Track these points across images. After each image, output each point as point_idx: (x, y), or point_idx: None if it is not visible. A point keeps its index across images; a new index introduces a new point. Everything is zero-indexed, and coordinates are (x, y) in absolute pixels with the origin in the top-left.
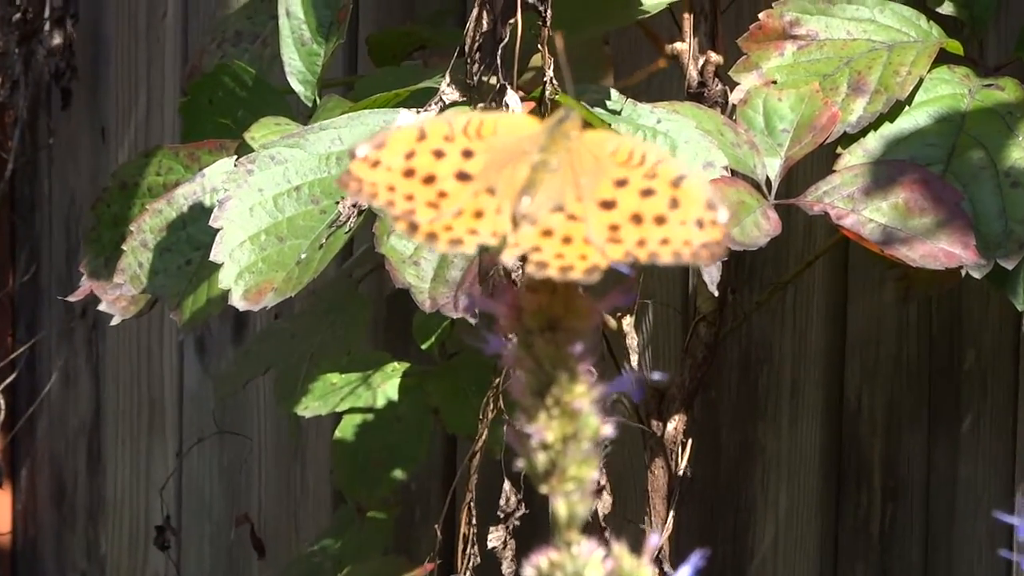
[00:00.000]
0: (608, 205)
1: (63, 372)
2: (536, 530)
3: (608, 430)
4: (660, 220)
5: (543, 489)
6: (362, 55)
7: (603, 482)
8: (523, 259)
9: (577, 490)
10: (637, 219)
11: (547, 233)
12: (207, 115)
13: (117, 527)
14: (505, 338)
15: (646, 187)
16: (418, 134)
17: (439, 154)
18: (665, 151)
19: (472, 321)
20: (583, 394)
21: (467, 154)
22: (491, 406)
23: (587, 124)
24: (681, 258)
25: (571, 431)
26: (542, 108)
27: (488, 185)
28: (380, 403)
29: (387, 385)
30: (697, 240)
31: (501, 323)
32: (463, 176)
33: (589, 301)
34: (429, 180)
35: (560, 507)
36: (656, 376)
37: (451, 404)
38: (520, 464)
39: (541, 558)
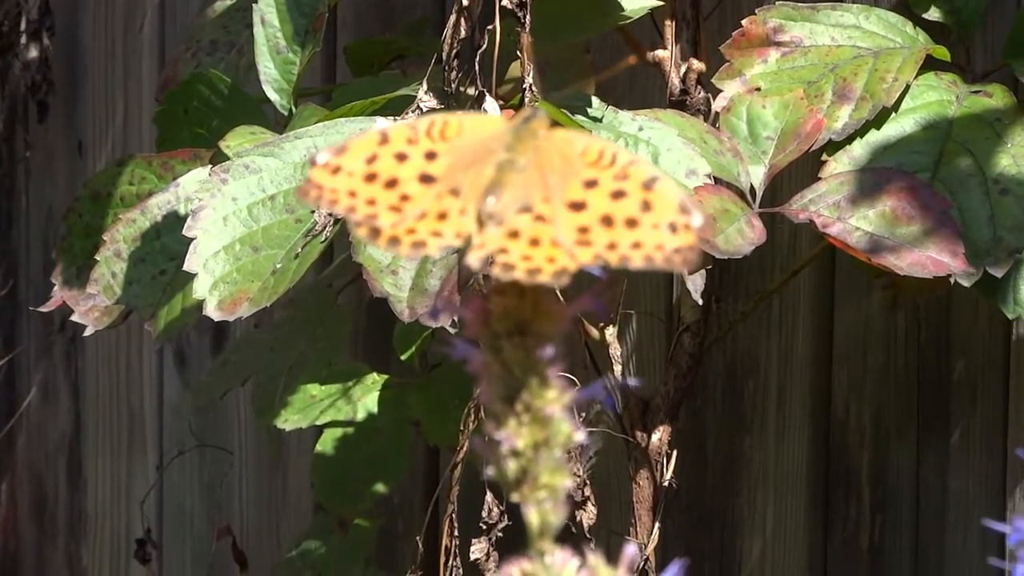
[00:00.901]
0: (577, 206)
1: (42, 386)
2: (519, 542)
3: (581, 436)
4: (631, 223)
5: (514, 497)
6: (341, 65)
7: (587, 492)
8: (489, 261)
9: (550, 498)
10: (607, 221)
11: (514, 234)
12: (182, 124)
13: (98, 541)
14: (474, 343)
15: (617, 189)
16: (380, 138)
17: (402, 157)
18: (636, 152)
19: (452, 331)
20: (554, 400)
21: (430, 156)
22: (472, 417)
23: (556, 124)
24: (653, 263)
25: (542, 438)
26: None
27: (452, 186)
28: (360, 416)
29: (367, 398)
30: (670, 245)
31: (469, 327)
32: (426, 178)
33: (559, 304)
34: (391, 184)
35: (532, 516)
36: (632, 382)
37: (433, 416)
38: (490, 472)
39: (514, 568)
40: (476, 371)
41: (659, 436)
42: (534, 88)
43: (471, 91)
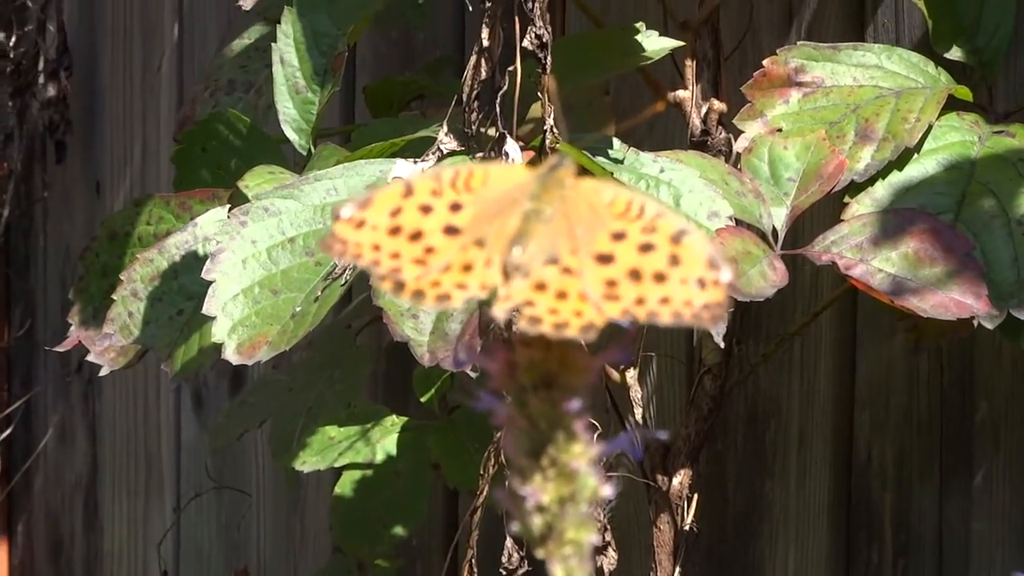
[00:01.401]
0: (605, 259)
1: (59, 427)
2: None
3: (608, 491)
4: (660, 278)
5: (539, 553)
6: (359, 105)
7: (608, 537)
8: (516, 313)
9: (575, 554)
10: (636, 275)
11: (540, 287)
12: (200, 164)
13: None
14: (498, 395)
15: (645, 242)
16: (404, 190)
17: (426, 209)
18: (664, 204)
19: (472, 375)
20: (580, 454)
21: (455, 207)
22: (492, 461)
23: (584, 171)
24: (681, 319)
25: (568, 493)
26: (542, 157)
27: (477, 237)
28: (379, 458)
29: (386, 440)
30: (698, 301)
31: (494, 379)
32: (451, 230)
33: (586, 356)
34: (416, 236)
35: (558, 573)
36: (659, 435)
37: (452, 459)
38: (515, 527)
39: None
40: (500, 423)
41: (680, 480)
42: (555, 130)
43: (491, 132)
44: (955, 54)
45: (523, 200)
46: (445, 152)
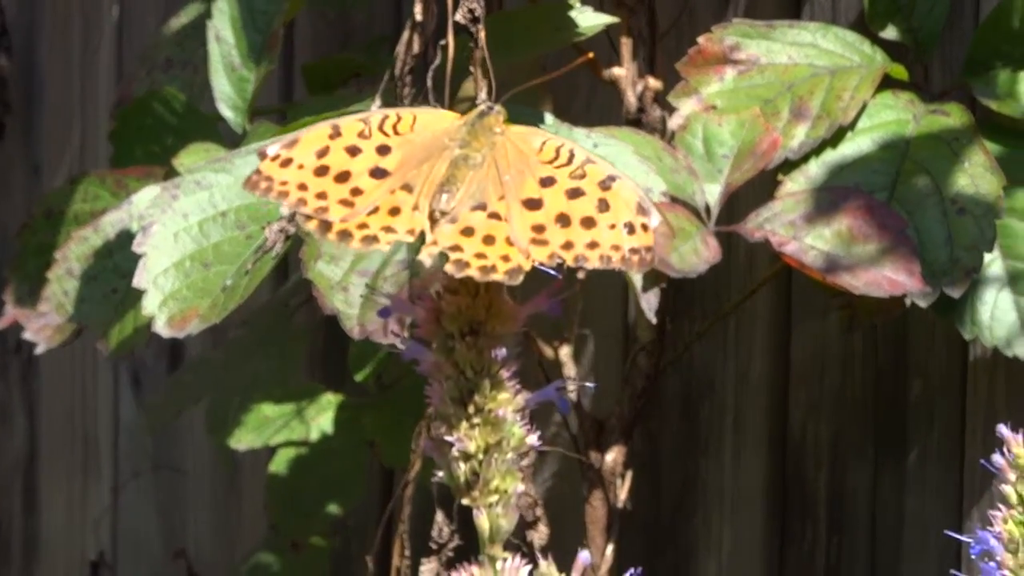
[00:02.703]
0: (533, 204)
1: None
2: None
3: (534, 440)
4: (588, 223)
5: (464, 501)
6: (298, 84)
7: (539, 512)
8: (442, 258)
9: (501, 502)
10: (564, 220)
11: (467, 232)
12: (137, 142)
13: (53, 565)
14: (425, 344)
15: (573, 187)
16: (332, 131)
17: (354, 151)
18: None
19: (402, 347)
20: (507, 401)
21: (383, 150)
22: (424, 435)
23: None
24: (610, 263)
25: (494, 440)
26: None
27: (405, 181)
28: (314, 436)
29: (322, 418)
30: (627, 245)
31: (420, 327)
32: (378, 172)
33: (513, 304)
34: (343, 177)
35: (483, 521)
36: (587, 385)
37: (388, 436)
38: (440, 476)
39: (464, 574)
40: (426, 372)
41: (613, 457)
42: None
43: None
44: (891, 33)
45: (452, 146)
46: None
